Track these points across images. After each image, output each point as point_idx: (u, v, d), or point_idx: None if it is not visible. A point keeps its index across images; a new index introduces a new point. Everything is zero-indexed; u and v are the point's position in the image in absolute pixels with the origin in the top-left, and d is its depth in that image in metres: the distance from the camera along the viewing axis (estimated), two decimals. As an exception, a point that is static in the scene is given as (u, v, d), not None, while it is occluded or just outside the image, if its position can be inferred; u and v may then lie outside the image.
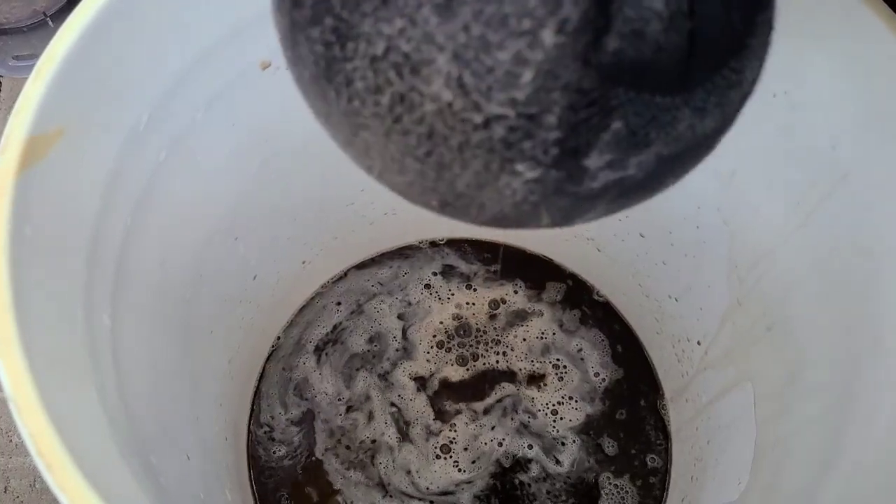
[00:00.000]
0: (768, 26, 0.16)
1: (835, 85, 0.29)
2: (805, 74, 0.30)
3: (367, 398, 0.49)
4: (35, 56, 0.52)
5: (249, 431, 0.48)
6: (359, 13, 0.15)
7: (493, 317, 0.51)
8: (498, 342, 0.50)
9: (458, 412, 0.48)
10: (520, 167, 0.16)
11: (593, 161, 0.16)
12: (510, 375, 0.49)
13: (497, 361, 0.50)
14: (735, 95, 0.16)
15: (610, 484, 0.46)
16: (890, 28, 0.26)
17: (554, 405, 0.48)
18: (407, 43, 0.15)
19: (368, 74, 0.16)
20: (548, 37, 0.14)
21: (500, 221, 0.18)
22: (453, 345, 0.50)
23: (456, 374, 0.49)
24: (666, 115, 0.15)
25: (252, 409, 0.48)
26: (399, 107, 0.16)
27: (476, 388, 0.49)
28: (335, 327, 0.51)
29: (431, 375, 0.49)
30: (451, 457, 0.47)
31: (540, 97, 0.14)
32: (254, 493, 0.46)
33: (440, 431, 0.47)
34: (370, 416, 0.48)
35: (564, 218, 0.18)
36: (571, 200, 0.17)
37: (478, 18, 0.14)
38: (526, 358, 0.50)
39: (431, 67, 0.15)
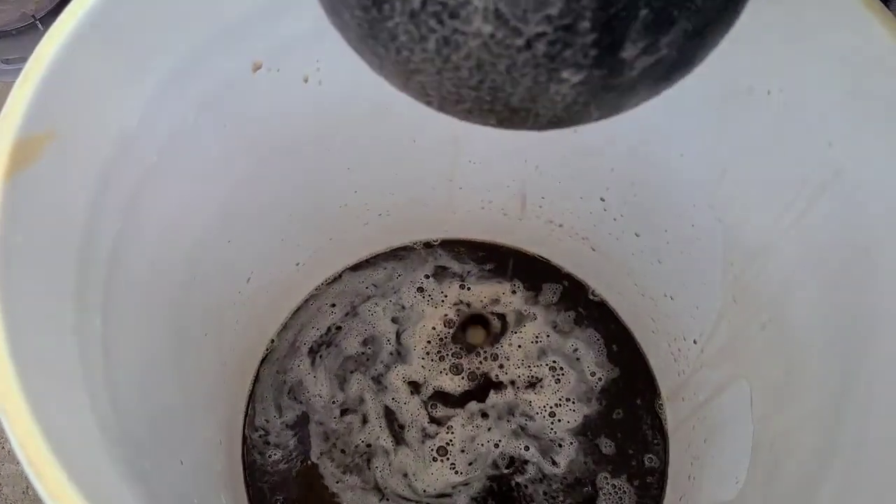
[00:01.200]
0: None
1: (828, 82, 0.29)
2: (799, 72, 0.30)
3: (362, 401, 0.48)
4: (24, 59, 0.52)
5: (244, 435, 0.47)
6: None
7: (487, 318, 0.51)
8: (493, 344, 0.50)
9: (454, 415, 0.48)
10: (565, 74, 0.17)
11: (629, 51, 0.17)
12: (507, 378, 0.49)
13: (493, 364, 0.49)
14: None
15: (607, 484, 0.46)
16: (884, 25, 0.26)
17: (552, 407, 0.48)
18: None
19: (410, 28, 0.17)
20: None
21: (555, 124, 0.20)
22: (448, 347, 0.50)
23: (451, 376, 0.49)
24: None
25: (246, 413, 0.48)
26: (446, 48, 0.17)
27: (472, 390, 0.49)
28: (329, 329, 0.51)
29: (425, 379, 0.49)
30: (447, 459, 0.46)
31: (571, 6, 0.16)
32: (249, 499, 0.46)
33: (436, 434, 0.47)
34: (364, 420, 0.48)
35: (614, 108, 0.20)
36: (617, 92, 0.18)
37: None
38: (522, 360, 0.49)
39: (468, 8, 0.16)
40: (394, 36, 0.18)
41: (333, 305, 0.52)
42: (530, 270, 0.53)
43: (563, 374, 0.49)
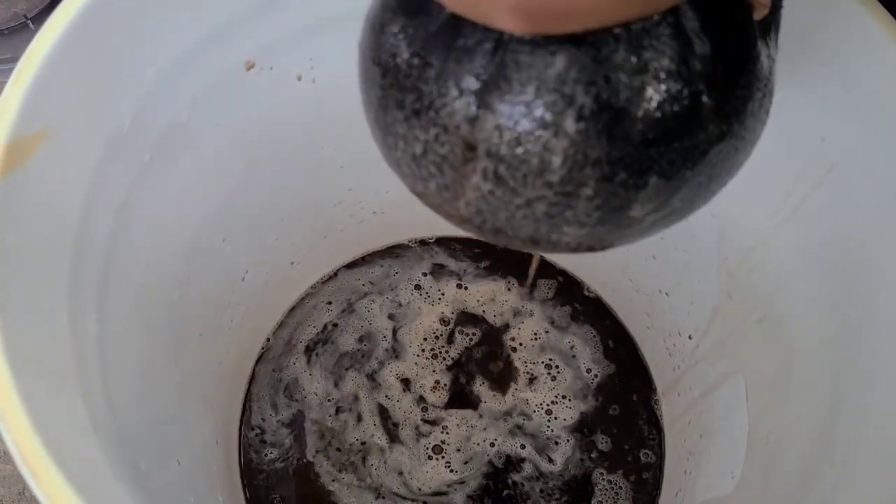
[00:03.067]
0: (753, 36, 0.17)
1: (821, 76, 0.29)
2: (791, 67, 0.30)
3: (357, 398, 0.48)
4: (15, 59, 0.51)
5: (240, 434, 0.47)
6: (392, 116, 0.17)
7: (483, 316, 0.51)
8: (489, 342, 0.50)
9: (450, 413, 0.48)
10: (567, 230, 0.17)
11: (638, 211, 0.17)
12: (503, 375, 0.49)
13: (489, 361, 0.49)
14: (752, 106, 0.17)
15: (603, 480, 0.46)
16: (875, 19, 0.26)
17: (548, 405, 0.48)
18: (442, 147, 0.16)
19: (413, 167, 0.18)
20: (570, 125, 0.15)
21: (551, 254, 0.20)
22: (444, 346, 0.50)
23: (447, 374, 0.49)
24: (695, 153, 0.16)
25: (243, 412, 0.48)
26: (446, 192, 0.17)
27: (469, 388, 0.49)
28: (325, 327, 0.51)
29: (421, 376, 0.49)
30: (442, 457, 0.46)
31: (573, 176, 0.16)
32: (246, 497, 0.46)
33: (430, 433, 0.47)
34: (359, 417, 0.48)
35: (614, 245, 0.19)
36: (621, 237, 0.18)
37: (505, 120, 0.15)
38: (518, 357, 0.50)
39: (468, 166, 0.16)
40: (399, 164, 0.18)
41: (329, 303, 0.52)
42: (527, 266, 0.53)
43: (559, 371, 0.49)
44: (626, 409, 0.48)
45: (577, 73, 0.15)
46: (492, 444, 0.47)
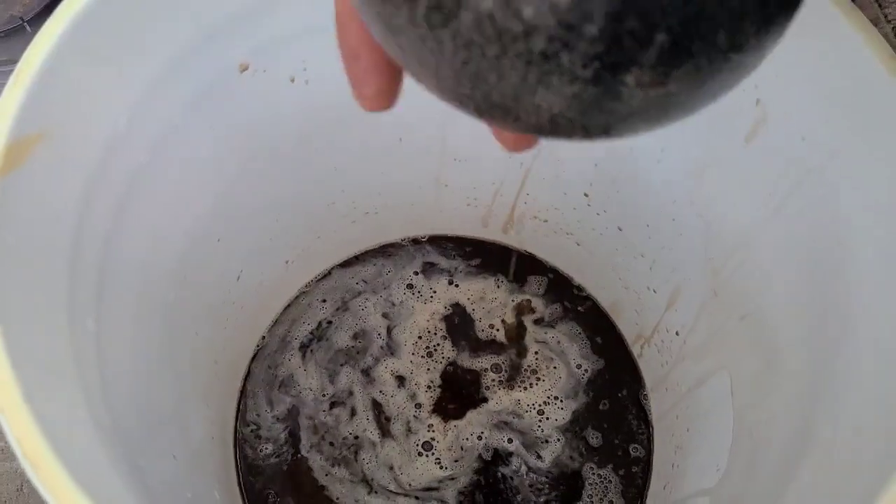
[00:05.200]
0: None
1: (801, 80, 0.30)
2: (773, 70, 0.31)
3: (351, 394, 0.49)
4: (13, 61, 0.52)
5: (236, 430, 0.48)
6: None
7: (475, 313, 0.52)
8: (481, 340, 0.51)
9: (442, 410, 0.48)
10: (556, 81, 0.15)
11: (633, 78, 0.15)
12: (495, 372, 0.50)
13: (481, 359, 0.50)
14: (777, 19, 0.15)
15: (593, 474, 0.47)
16: (852, 25, 0.27)
17: (538, 403, 0.48)
18: None
19: None
20: None
21: (535, 131, 0.17)
22: (436, 344, 0.51)
23: (441, 372, 0.50)
24: (710, 20, 0.14)
25: (238, 408, 0.49)
26: (436, 15, 0.15)
27: (461, 385, 0.49)
28: (320, 324, 0.51)
29: (414, 374, 0.50)
30: (432, 454, 0.47)
31: (583, 4, 0.14)
32: (242, 492, 0.46)
33: (421, 430, 0.48)
34: (353, 412, 0.48)
35: (600, 133, 0.17)
36: (608, 117, 0.16)
37: None
38: (509, 354, 0.50)
39: None
40: None
41: (324, 301, 0.52)
42: (517, 265, 0.53)
43: (549, 367, 0.50)
44: (616, 404, 0.49)
45: None
46: (481, 439, 0.47)
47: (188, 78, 0.33)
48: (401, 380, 0.49)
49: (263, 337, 0.51)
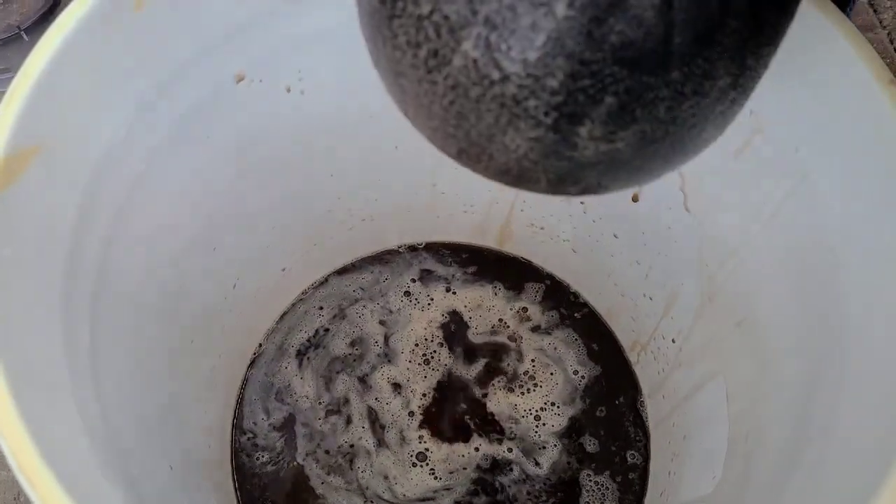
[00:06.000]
0: (743, 31, 0.18)
1: (794, 89, 0.30)
2: (766, 80, 0.31)
3: (347, 401, 0.49)
4: (9, 70, 0.52)
5: (233, 438, 0.48)
6: None
7: (472, 321, 0.52)
8: (478, 347, 0.51)
9: (437, 420, 0.48)
10: (523, 124, 0.19)
11: (586, 129, 0.18)
12: (492, 379, 0.50)
13: (478, 366, 0.50)
14: (709, 87, 0.19)
15: (590, 481, 0.47)
16: (842, 33, 0.27)
17: (536, 410, 0.49)
18: (450, 6, 0.18)
19: (411, 30, 0.19)
20: (560, 9, 0.17)
21: (504, 174, 0.21)
22: (433, 351, 0.51)
23: (437, 380, 0.50)
24: (650, 93, 0.18)
25: (235, 417, 0.49)
26: (433, 60, 0.19)
27: (458, 394, 0.49)
28: (317, 331, 0.51)
29: (411, 381, 0.50)
30: (427, 464, 0.47)
31: (547, 62, 0.17)
32: (238, 501, 0.46)
33: (416, 439, 0.48)
34: (349, 420, 0.48)
35: (559, 181, 0.21)
36: (565, 165, 0.20)
37: None
38: (507, 360, 0.50)
39: (466, 29, 0.18)
40: (395, 35, 0.19)
41: (321, 308, 0.52)
42: (514, 272, 0.53)
43: (546, 374, 0.50)
44: (613, 410, 0.49)
45: None
46: (477, 449, 0.47)
47: (185, 89, 0.33)
48: (397, 387, 0.49)
49: (260, 345, 0.51)
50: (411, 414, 0.48)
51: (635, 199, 0.43)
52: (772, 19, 0.19)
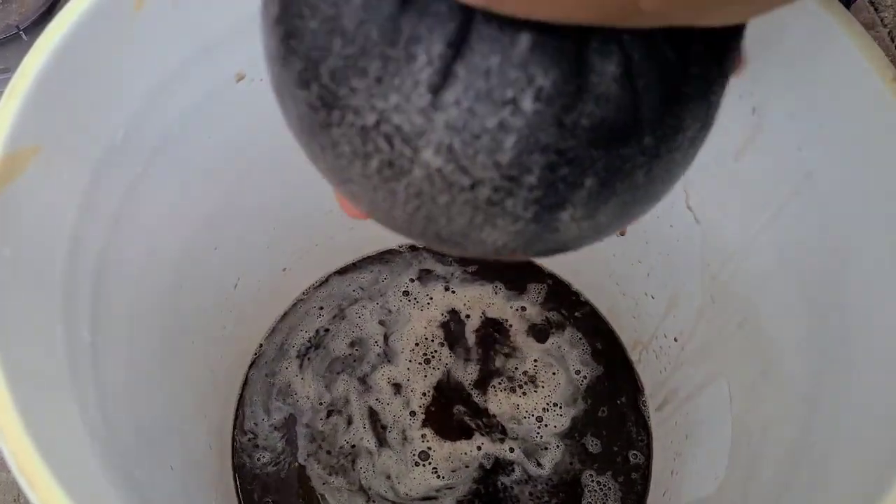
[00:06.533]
0: (706, 74, 0.18)
1: (796, 88, 0.30)
2: (768, 78, 0.31)
3: (348, 402, 0.49)
4: (8, 70, 0.52)
5: (234, 439, 0.48)
6: (348, 87, 0.16)
7: (472, 320, 0.52)
8: (478, 346, 0.51)
9: (439, 420, 0.48)
10: (501, 222, 0.17)
11: (568, 214, 0.17)
12: (492, 379, 0.49)
13: (479, 365, 0.50)
14: (682, 139, 0.18)
15: (592, 481, 0.47)
16: (845, 31, 0.27)
17: (538, 410, 0.48)
18: (399, 116, 0.16)
19: (356, 141, 0.17)
20: (527, 104, 0.15)
21: (483, 258, 0.20)
22: (434, 351, 0.51)
23: (437, 380, 0.50)
24: (628, 164, 0.17)
25: (236, 417, 0.48)
26: (388, 170, 0.17)
27: (458, 394, 0.49)
28: (318, 332, 0.51)
29: (411, 381, 0.49)
30: (429, 463, 0.47)
31: (522, 160, 0.16)
32: (240, 501, 0.46)
33: (417, 439, 0.48)
34: (350, 421, 0.48)
35: (540, 255, 0.19)
36: (547, 245, 0.19)
37: (467, 92, 0.15)
38: (508, 360, 0.50)
39: (423, 138, 0.16)
40: (335, 143, 0.17)
41: (321, 308, 0.52)
42: (515, 271, 0.53)
43: (548, 373, 0.50)
44: (615, 410, 0.49)
45: (540, 56, 0.15)
46: (479, 448, 0.47)
47: (185, 88, 0.33)
48: (397, 387, 0.49)
49: (261, 345, 0.51)
50: (413, 414, 0.48)
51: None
52: (733, 44, 0.18)
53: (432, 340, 0.51)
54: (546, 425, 0.48)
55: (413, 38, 0.15)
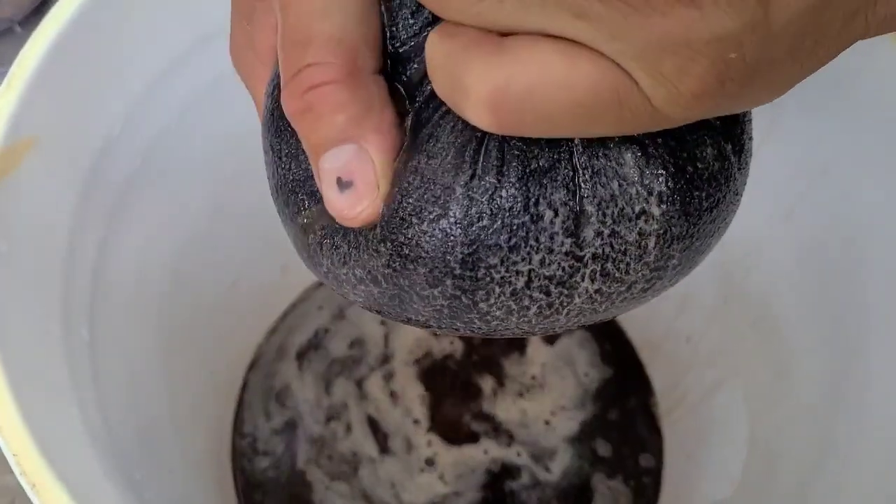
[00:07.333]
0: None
1: (813, 82, 0.29)
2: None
3: (347, 406, 0.48)
4: (3, 63, 0.51)
5: (233, 442, 0.47)
6: (485, 267, 0.17)
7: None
8: (483, 348, 0.50)
9: (444, 422, 0.48)
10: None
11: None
12: (498, 381, 0.49)
13: (483, 368, 0.49)
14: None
15: (603, 486, 0.46)
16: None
17: (546, 412, 0.48)
18: (549, 268, 0.17)
19: (510, 303, 0.18)
20: (655, 210, 0.17)
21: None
22: (435, 352, 0.50)
23: (439, 382, 0.49)
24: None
25: (235, 420, 0.48)
26: (548, 310, 0.18)
27: (462, 396, 0.48)
28: (317, 332, 0.51)
29: (411, 383, 0.49)
30: (435, 470, 0.46)
31: (664, 252, 0.18)
32: (239, 502, 0.45)
33: (422, 445, 0.47)
34: (349, 427, 0.47)
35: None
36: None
37: (603, 221, 0.17)
38: (515, 362, 0.49)
39: (576, 276, 0.17)
40: (487, 312, 0.18)
41: (321, 308, 0.52)
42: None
43: (556, 376, 0.49)
44: (626, 413, 0.48)
45: (645, 167, 0.17)
46: (486, 453, 0.46)
47: (183, 81, 0.32)
48: (398, 389, 0.49)
49: (260, 346, 0.50)
50: (416, 421, 0.47)
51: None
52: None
53: (434, 341, 0.50)
54: (554, 429, 0.47)
55: (532, 199, 0.17)
